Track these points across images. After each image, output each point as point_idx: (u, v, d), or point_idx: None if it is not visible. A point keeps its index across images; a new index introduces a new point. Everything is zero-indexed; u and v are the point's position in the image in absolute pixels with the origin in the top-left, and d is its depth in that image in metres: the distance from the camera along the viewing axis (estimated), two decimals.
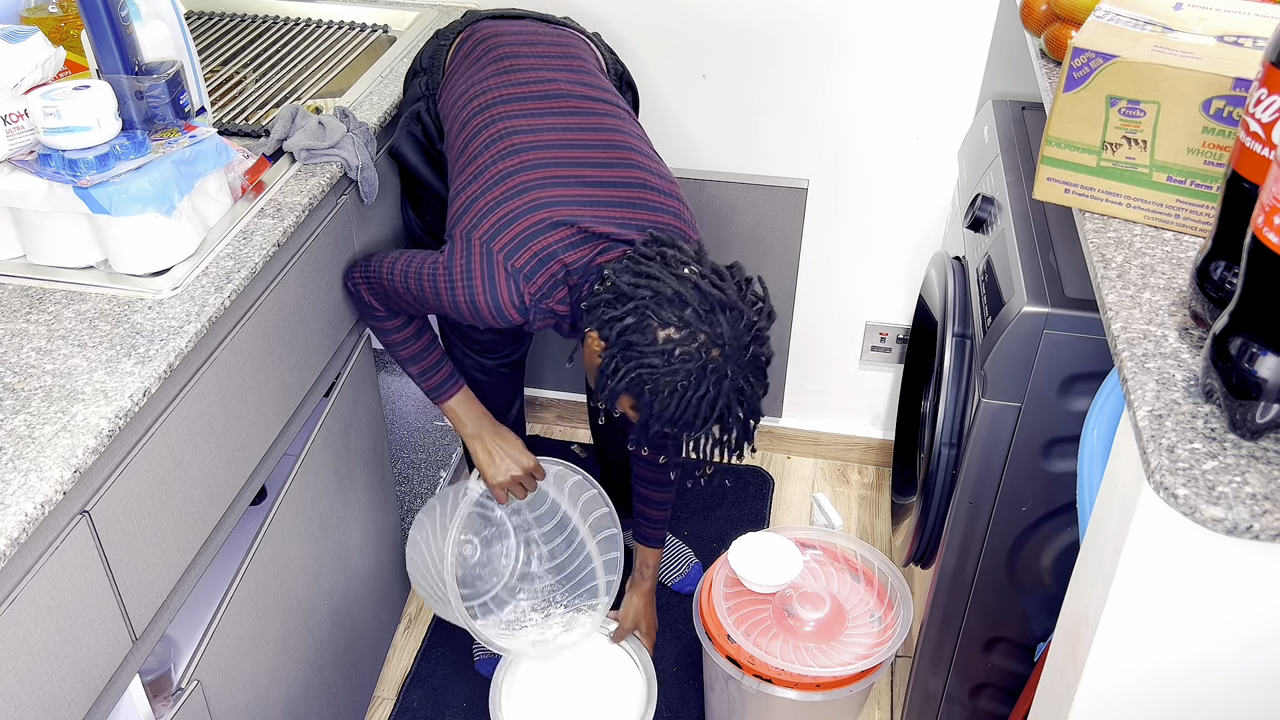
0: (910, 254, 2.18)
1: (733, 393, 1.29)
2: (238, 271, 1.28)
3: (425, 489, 2.23)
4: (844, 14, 1.94)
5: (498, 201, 1.40)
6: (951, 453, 1.52)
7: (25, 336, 1.16)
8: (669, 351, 1.26)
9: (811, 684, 1.62)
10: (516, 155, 1.43)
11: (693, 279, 1.29)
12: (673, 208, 1.46)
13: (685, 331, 1.26)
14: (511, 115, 1.47)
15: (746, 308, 1.30)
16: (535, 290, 1.39)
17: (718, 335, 1.27)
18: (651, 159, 1.50)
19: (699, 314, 1.27)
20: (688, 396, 1.27)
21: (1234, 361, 0.83)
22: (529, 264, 1.37)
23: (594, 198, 1.41)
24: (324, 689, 1.69)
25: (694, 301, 1.27)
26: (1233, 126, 1.08)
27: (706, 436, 1.33)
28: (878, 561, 1.79)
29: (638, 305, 1.28)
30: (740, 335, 1.28)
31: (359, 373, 1.69)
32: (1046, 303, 1.32)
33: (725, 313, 1.28)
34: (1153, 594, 0.92)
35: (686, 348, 1.26)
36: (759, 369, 1.33)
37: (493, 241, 1.37)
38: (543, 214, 1.38)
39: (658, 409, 1.29)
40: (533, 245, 1.37)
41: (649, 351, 1.27)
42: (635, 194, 1.43)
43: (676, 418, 1.29)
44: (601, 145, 1.46)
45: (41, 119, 1.20)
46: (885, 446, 2.44)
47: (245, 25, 2.03)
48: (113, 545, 1.09)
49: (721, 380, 1.28)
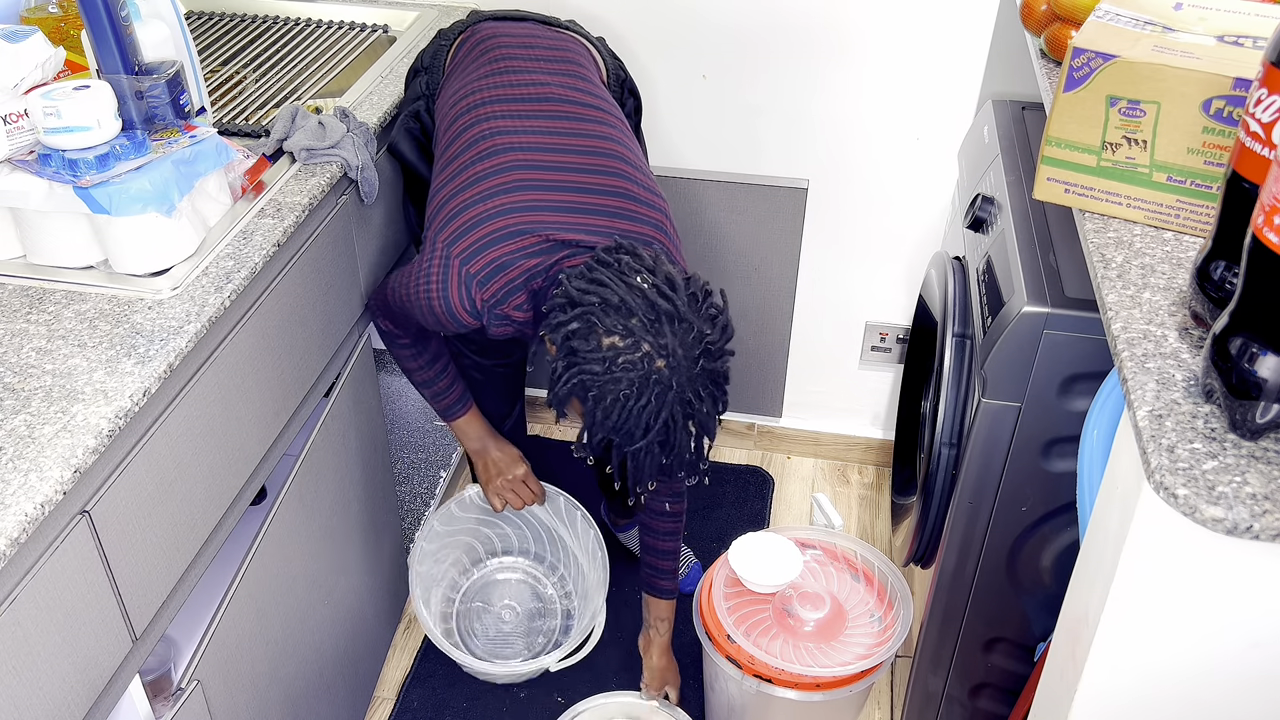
0: (910, 254, 2.18)
1: (678, 405, 1.26)
2: (238, 271, 1.28)
3: (425, 489, 2.23)
4: (844, 14, 1.94)
5: (465, 205, 1.40)
6: (951, 453, 1.52)
7: (25, 336, 1.16)
8: (611, 359, 1.24)
9: (812, 684, 1.62)
10: (494, 157, 1.42)
11: (641, 288, 1.27)
12: (655, 219, 1.44)
13: (629, 340, 1.24)
14: (497, 115, 1.47)
15: (697, 320, 1.27)
16: (489, 296, 1.38)
17: (661, 346, 1.24)
18: (638, 169, 1.48)
19: (644, 323, 1.25)
20: (629, 406, 1.25)
21: (1234, 361, 0.83)
22: (483, 270, 1.37)
23: (569, 204, 1.39)
24: (324, 689, 1.69)
25: (640, 310, 1.25)
26: (1233, 126, 1.08)
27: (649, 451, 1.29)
28: (878, 561, 1.79)
29: (584, 311, 1.26)
30: (690, 347, 1.26)
31: (359, 373, 1.69)
32: (1046, 303, 1.32)
33: (672, 324, 1.25)
34: (1153, 594, 0.92)
35: (629, 356, 1.24)
36: (713, 383, 1.29)
37: (452, 246, 1.38)
38: (506, 220, 1.37)
39: (600, 416, 1.27)
40: (490, 252, 1.37)
41: (591, 358, 1.25)
42: (617, 203, 1.42)
43: (618, 426, 1.26)
44: (586, 151, 1.44)
45: (41, 119, 1.20)
46: (885, 446, 2.44)
47: (245, 25, 2.03)
48: (113, 545, 1.09)
49: (665, 392, 1.25)
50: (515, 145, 1.43)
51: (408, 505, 2.19)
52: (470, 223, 1.38)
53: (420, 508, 2.19)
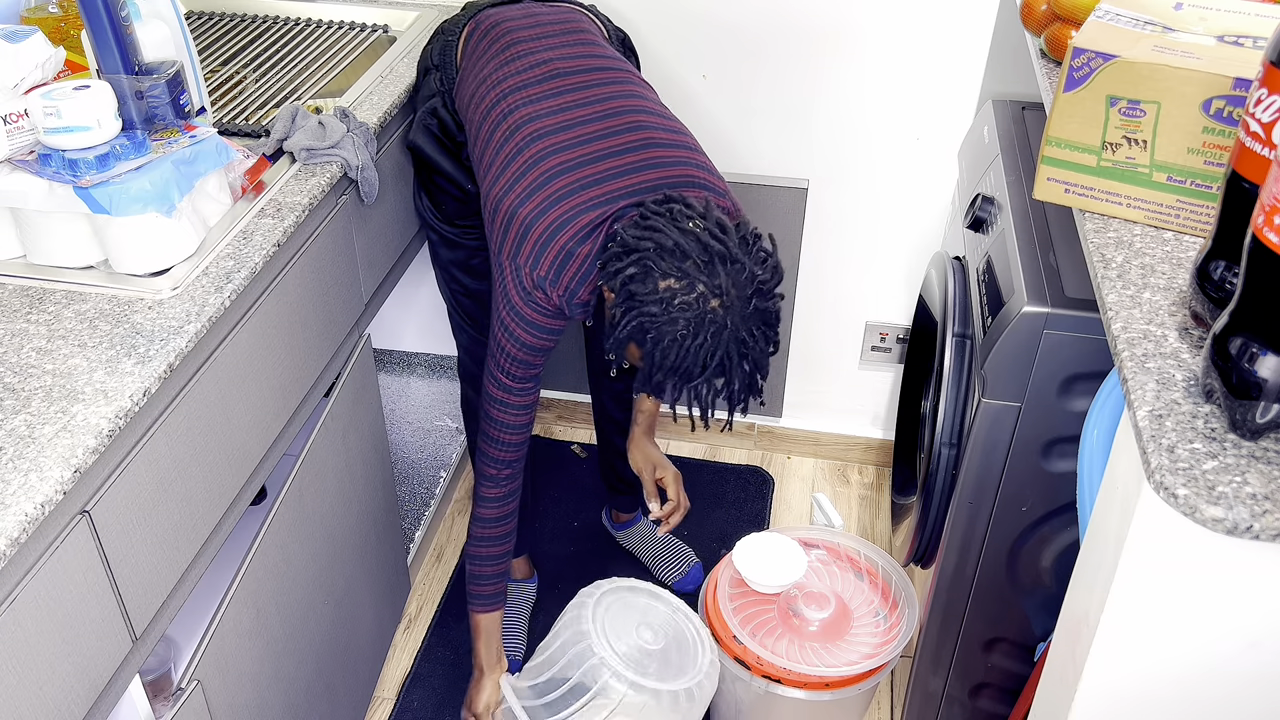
0: (910, 254, 2.18)
1: (733, 344, 1.30)
2: (238, 271, 1.28)
3: (425, 489, 2.23)
4: (844, 14, 1.93)
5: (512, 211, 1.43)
6: (951, 453, 1.52)
7: (25, 336, 1.16)
8: (668, 300, 1.28)
9: (820, 683, 1.62)
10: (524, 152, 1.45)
11: (694, 232, 1.31)
12: (680, 157, 1.47)
13: (684, 282, 1.28)
14: (518, 106, 1.49)
15: (749, 260, 1.31)
16: (563, 290, 1.42)
17: (716, 286, 1.28)
18: (657, 115, 1.52)
19: (698, 264, 1.28)
20: (686, 345, 1.29)
21: (1234, 361, 0.83)
22: (550, 269, 1.41)
23: (601, 174, 1.43)
24: (324, 689, 1.69)
25: (694, 253, 1.29)
26: (1233, 126, 1.08)
27: (708, 387, 1.33)
28: (881, 560, 1.79)
29: (640, 257, 1.31)
30: (742, 287, 1.29)
31: (359, 373, 1.69)
32: (1046, 303, 1.32)
33: (725, 265, 1.29)
34: (1153, 594, 0.92)
35: (685, 297, 1.28)
36: (765, 323, 1.33)
37: (517, 258, 1.43)
38: (553, 215, 1.40)
39: (659, 358, 1.31)
40: (549, 252, 1.41)
41: (649, 300, 1.29)
42: (643, 155, 1.45)
43: (676, 366, 1.31)
44: (605, 115, 1.48)
45: (41, 119, 1.20)
46: (885, 446, 2.44)
47: (245, 25, 2.03)
48: (113, 545, 1.09)
49: (721, 331, 1.29)
50: (541, 133, 1.46)
51: (408, 505, 2.19)
52: (522, 229, 1.42)
53: (420, 508, 2.19)
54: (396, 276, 1.83)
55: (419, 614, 2.11)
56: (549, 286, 1.42)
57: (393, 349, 2.57)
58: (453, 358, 2.53)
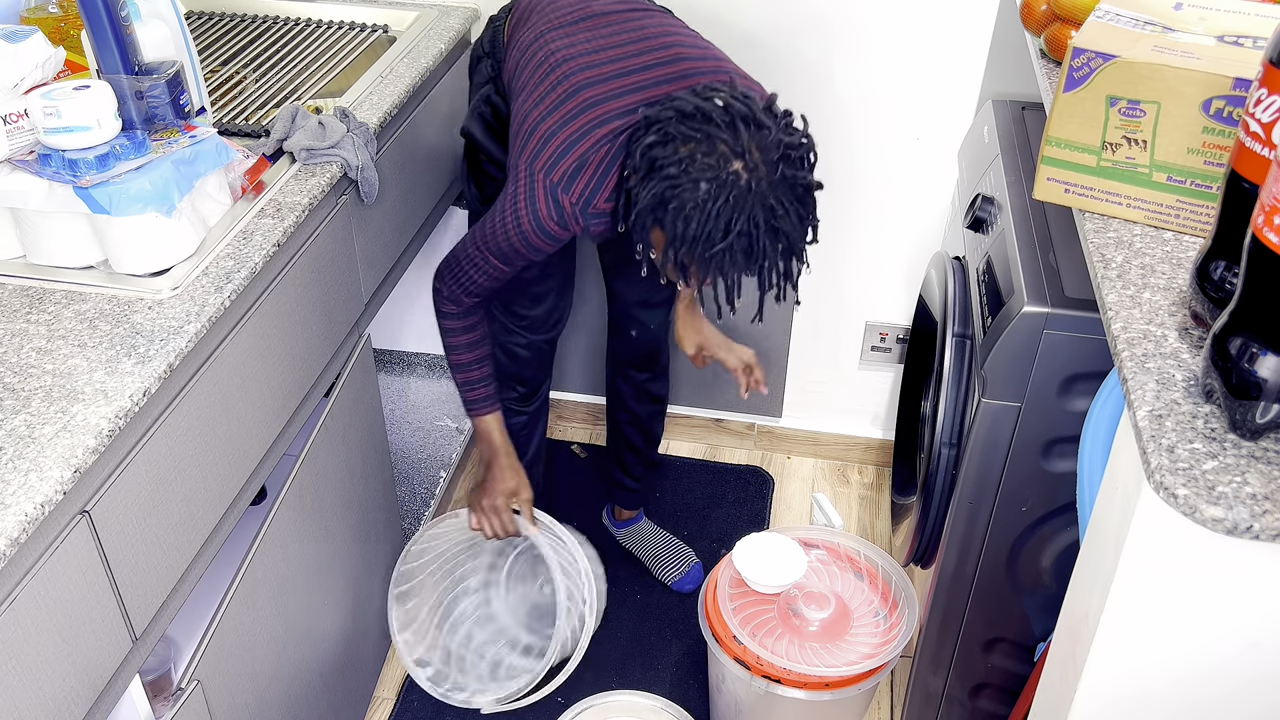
0: (910, 254, 2.18)
1: (760, 210, 1.26)
2: (238, 271, 1.28)
3: (425, 489, 2.23)
4: (844, 14, 1.93)
5: (535, 124, 1.43)
6: (951, 453, 1.52)
7: (25, 336, 1.16)
8: (688, 159, 1.26)
9: (820, 683, 1.62)
10: (553, 74, 1.46)
11: (716, 98, 1.29)
12: (710, 67, 1.47)
13: (706, 144, 1.26)
14: (552, 41, 1.50)
15: (775, 126, 1.28)
16: (576, 198, 1.41)
17: (738, 145, 1.25)
18: (683, 34, 1.52)
19: (719, 124, 1.26)
20: (707, 208, 1.25)
21: (1234, 361, 0.83)
22: (565, 174, 1.40)
23: (628, 87, 1.42)
24: (324, 689, 1.69)
25: (716, 115, 1.27)
26: (1233, 126, 1.08)
27: (731, 258, 1.28)
28: (881, 560, 1.79)
29: (661, 125, 1.29)
30: (767, 150, 1.26)
31: (359, 373, 1.69)
32: (1046, 303, 1.32)
33: (749, 127, 1.26)
34: (1153, 594, 0.92)
35: (706, 159, 1.25)
36: (796, 196, 1.29)
37: (534, 164, 1.42)
38: (575, 124, 1.40)
39: (680, 228, 1.27)
40: (568, 158, 1.40)
41: (669, 162, 1.27)
42: (671, 70, 1.45)
43: (698, 234, 1.26)
44: (635, 41, 1.48)
45: (41, 119, 1.20)
46: (885, 446, 2.44)
47: (245, 25, 2.03)
48: (113, 545, 1.09)
49: (744, 194, 1.25)
50: (570, 56, 1.46)
51: (407, 505, 2.19)
52: (544, 137, 1.42)
53: (420, 508, 2.19)
54: (396, 276, 1.83)
55: None
56: (562, 194, 1.41)
57: (393, 349, 2.57)
58: None
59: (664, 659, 2.00)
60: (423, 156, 1.87)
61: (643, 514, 2.22)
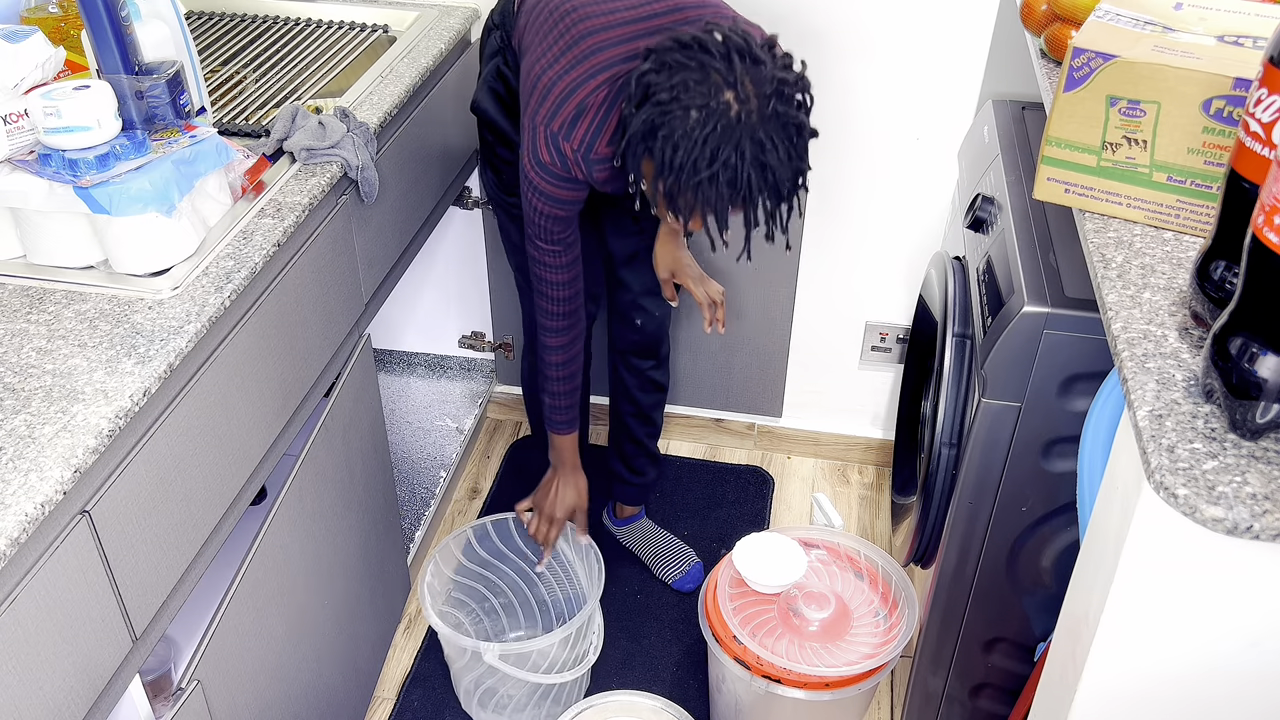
0: (910, 254, 2.18)
1: (749, 143, 1.26)
2: (238, 271, 1.28)
3: (425, 489, 2.23)
4: (844, 14, 1.93)
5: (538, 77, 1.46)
6: (951, 453, 1.52)
7: (25, 336, 1.16)
8: (680, 86, 1.27)
9: (820, 683, 1.62)
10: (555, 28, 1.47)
11: (714, 31, 1.30)
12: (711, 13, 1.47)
13: (699, 73, 1.27)
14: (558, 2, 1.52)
15: (770, 61, 1.29)
16: (577, 144, 1.43)
17: (731, 76, 1.26)
18: None
19: (714, 55, 1.27)
20: (694, 135, 1.26)
21: (1234, 361, 0.83)
22: (565, 122, 1.42)
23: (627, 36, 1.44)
24: (324, 689, 1.69)
25: (712, 46, 1.28)
26: (1233, 126, 1.08)
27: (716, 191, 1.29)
28: (881, 560, 1.79)
29: (658, 55, 1.31)
30: (760, 84, 1.27)
31: (359, 373, 1.69)
32: (1046, 303, 1.32)
33: (743, 59, 1.27)
34: (1153, 594, 0.92)
35: (699, 86, 1.26)
36: (787, 133, 1.29)
37: (537, 115, 1.44)
38: (575, 73, 1.42)
39: (668, 155, 1.28)
40: (567, 105, 1.42)
41: (662, 88, 1.28)
42: (670, 19, 1.46)
43: (685, 162, 1.27)
44: None
45: (41, 119, 1.20)
46: (885, 446, 2.44)
47: (245, 25, 2.03)
48: (113, 545, 1.09)
49: (733, 125, 1.26)
50: (576, 7, 1.48)
51: (408, 505, 2.19)
52: (545, 89, 1.44)
53: (420, 508, 2.19)
54: (396, 276, 1.83)
55: (419, 614, 2.11)
56: (563, 141, 1.42)
57: (393, 349, 2.57)
58: (453, 358, 2.54)
59: (664, 659, 2.00)
60: (423, 156, 1.87)
61: (643, 512, 2.23)
